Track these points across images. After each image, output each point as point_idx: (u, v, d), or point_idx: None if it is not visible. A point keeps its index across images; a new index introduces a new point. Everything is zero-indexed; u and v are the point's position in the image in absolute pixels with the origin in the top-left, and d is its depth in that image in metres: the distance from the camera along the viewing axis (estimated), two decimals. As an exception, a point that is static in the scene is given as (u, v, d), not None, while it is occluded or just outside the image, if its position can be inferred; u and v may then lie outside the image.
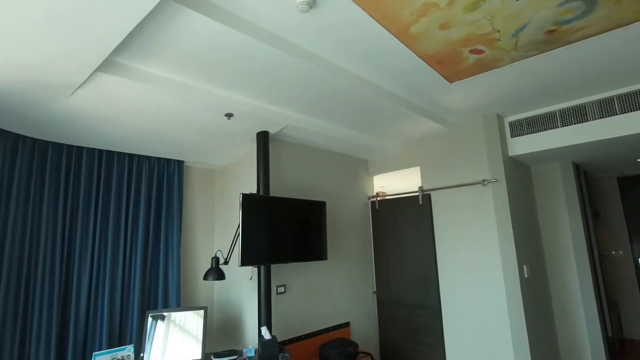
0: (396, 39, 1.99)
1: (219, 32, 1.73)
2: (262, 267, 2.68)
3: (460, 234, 3.36)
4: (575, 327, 3.61)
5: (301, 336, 3.05)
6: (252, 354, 2.52)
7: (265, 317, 2.62)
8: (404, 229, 3.77)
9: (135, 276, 2.74)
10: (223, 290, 3.26)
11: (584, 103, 3.02)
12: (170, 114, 2.41)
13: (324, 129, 3.12)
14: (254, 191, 2.90)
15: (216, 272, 2.54)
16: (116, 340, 2.59)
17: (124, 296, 2.67)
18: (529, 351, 2.93)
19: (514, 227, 3.13)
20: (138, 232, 2.81)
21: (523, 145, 3.34)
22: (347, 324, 3.49)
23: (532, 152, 3.32)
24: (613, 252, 5.15)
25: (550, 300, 3.73)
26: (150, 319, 2.43)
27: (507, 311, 3.01)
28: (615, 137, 2.89)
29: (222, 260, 2.67)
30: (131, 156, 2.89)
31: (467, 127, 3.40)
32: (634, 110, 2.79)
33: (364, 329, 3.71)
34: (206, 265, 3.29)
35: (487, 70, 2.40)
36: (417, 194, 3.70)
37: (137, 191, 2.87)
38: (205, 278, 2.56)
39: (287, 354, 2.43)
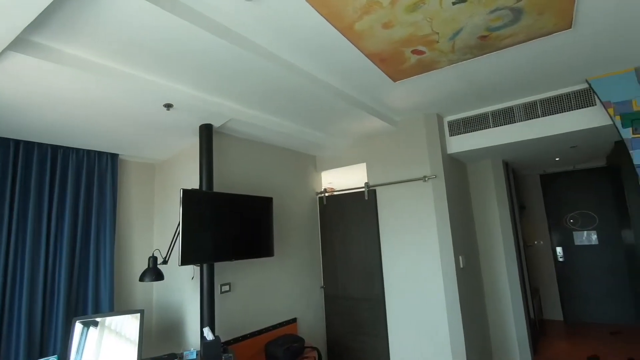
0: (342, 35, 2.00)
1: (154, 14, 1.61)
2: (204, 266, 2.57)
3: (402, 228, 3.50)
4: (503, 310, 3.94)
5: (247, 335, 2.99)
6: (194, 356, 2.41)
7: (208, 317, 2.52)
8: (351, 224, 3.85)
9: (60, 280, 2.48)
10: (163, 291, 3.08)
11: (512, 106, 3.29)
12: (101, 102, 2.21)
13: (271, 124, 3.07)
14: (197, 187, 2.77)
15: (154, 273, 2.39)
16: (37, 352, 2.33)
17: (46, 302, 2.42)
18: (463, 333, 3.15)
19: (451, 221, 3.32)
20: (63, 231, 2.55)
21: (460, 144, 3.56)
22: (294, 320, 3.48)
23: (468, 150, 3.55)
24: (535, 242, 5.71)
25: (482, 286, 4.04)
26: (79, 326, 2.22)
27: (444, 299, 3.20)
28: (537, 138, 3.19)
29: (160, 260, 2.52)
30: (55, 148, 2.61)
31: (410, 126, 3.55)
32: (553, 114, 3.09)
33: (312, 324, 3.73)
34: (144, 265, 3.08)
35: (427, 71, 2.51)
36: (363, 189, 3.79)
37: (62, 187, 2.60)
38: (141, 279, 2.39)
39: (230, 354, 2.36)
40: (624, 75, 2.72)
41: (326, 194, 4.09)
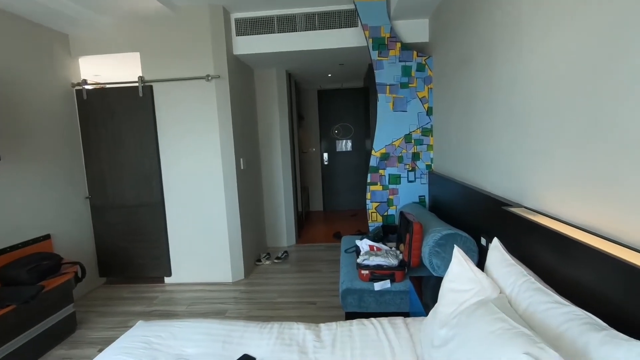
0: None
1: None
2: None
3: (183, 129, 3.30)
4: (277, 204, 4.54)
5: (-34, 261, 2.29)
6: None
7: None
8: (123, 124, 3.32)
9: None
10: None
11: (295, 14, 3.38)
12: None
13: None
14: None
15: None
16: None
17: None
18: (240, 229, 3.47)
19: (233, 124, 3.36)
20: None
21: (246, 46, 3.47)
22: (47, 237, 2.91)
23: (254, 54, 3.52)
24: (310, 149, 6.67)
25: (261, 186, 4.46)
26: None
27: (225, 198, 3.36)
28: (314, 50, 3.46)
29: None
30: None
31: (193, 15, 3.15)
32: (327, 29, 3.38)
33: (74, 238, 3.23)
34: None
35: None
36: (136, 84, 3.25)
37: None
38: None
39: None
40: (379, 3, 3.19)
41: (87, 86, 3.30)
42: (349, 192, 6.65)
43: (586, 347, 0.88)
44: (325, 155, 6.63)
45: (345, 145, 6.58)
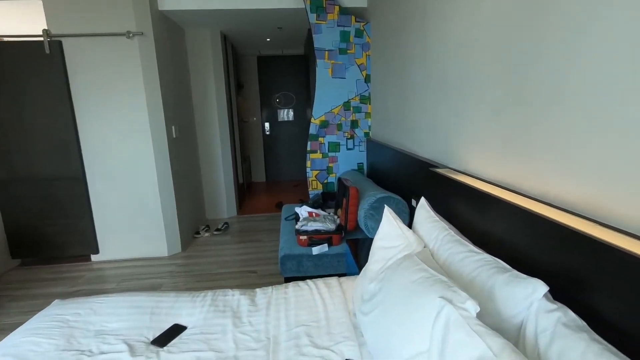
0: None
1: None
2: None
3: (103, 93, 2.97)
4: (216, 176, 4.36)
5: None
6: None
7: None
8: (26, 86, 2.89)
9: None
10: None
11: (228, -33, 3.12)
12: None
13: None
14: None
15: None
16: None
17: None
18: (174, 200, 3.29)
19: (162, 88, 3.09)
20: None
21: (173, 0, 3.15)
22: (-63, 216, 2.51)
23: (182, 10, 3.22)
24: (251, 119, 6.44)
25: (197, 156, 4.23)
26: None
27: (155, 168, 3.13)
28: (249, 9, 3.25)
29: None
30: None
31: (108, -40, 2.77)
32: (263, -13, 3.18)
33: (-26, 216, 2.83)
34: None
35: None
36: (41, 39, 2.82)
37: None
38: None
39: None
40: (317, -39, 3.05)
41: (-24, 39, 2.80)
42: (292, 163, 6.62)
43: (493, 288, 0.96)
44: (267, 124, 6.46)
45: (287, 114, 6.46)
